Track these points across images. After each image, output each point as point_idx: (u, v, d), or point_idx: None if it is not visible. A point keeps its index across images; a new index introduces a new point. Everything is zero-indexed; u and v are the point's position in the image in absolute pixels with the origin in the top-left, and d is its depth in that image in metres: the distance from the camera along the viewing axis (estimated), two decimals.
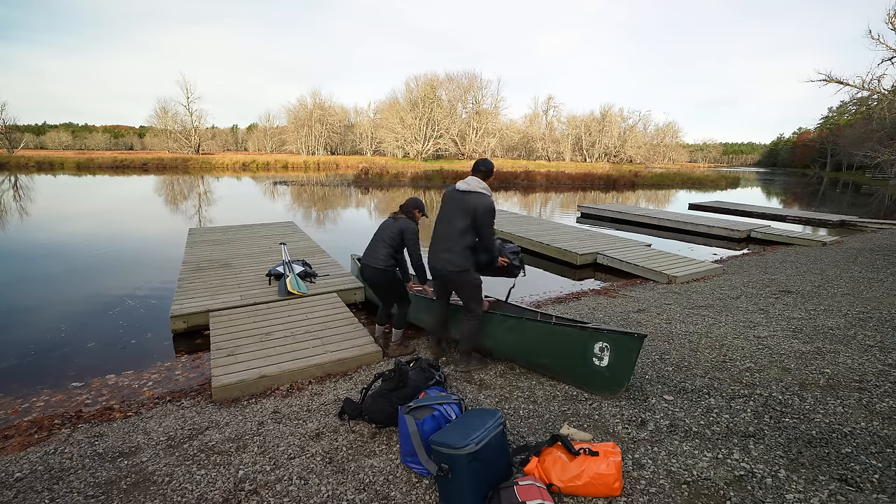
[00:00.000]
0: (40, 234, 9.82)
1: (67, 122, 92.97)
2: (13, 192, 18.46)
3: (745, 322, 4.31)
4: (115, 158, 36.71)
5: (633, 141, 67.24)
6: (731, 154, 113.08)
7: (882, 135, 24.14)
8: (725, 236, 10.53)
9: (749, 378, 3.08)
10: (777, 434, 2.40)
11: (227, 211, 14.32)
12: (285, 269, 5.51)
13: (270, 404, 2.99)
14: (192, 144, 50.95)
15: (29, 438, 2.70)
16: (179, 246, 7.76)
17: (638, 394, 2.88)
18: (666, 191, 26.61)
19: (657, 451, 2.27)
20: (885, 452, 2.21)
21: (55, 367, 3.93)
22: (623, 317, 4.59)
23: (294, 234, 8.54)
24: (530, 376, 3.21)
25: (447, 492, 1.92)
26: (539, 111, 72.16)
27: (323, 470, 2.23)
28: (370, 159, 45.49)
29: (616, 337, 2.74)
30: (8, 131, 41.50)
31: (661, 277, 6.39)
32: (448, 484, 1.90)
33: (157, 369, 3.91)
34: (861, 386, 2.93)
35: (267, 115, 77.16)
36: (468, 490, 1.87)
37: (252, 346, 3.74)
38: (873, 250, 8.18)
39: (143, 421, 2.87)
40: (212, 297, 4.95)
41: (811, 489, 1.96)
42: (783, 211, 15.57)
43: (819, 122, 66.85)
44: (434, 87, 54.01)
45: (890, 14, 17.37)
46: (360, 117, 65.74)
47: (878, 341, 3.72)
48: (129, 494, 2.11)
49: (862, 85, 19.46)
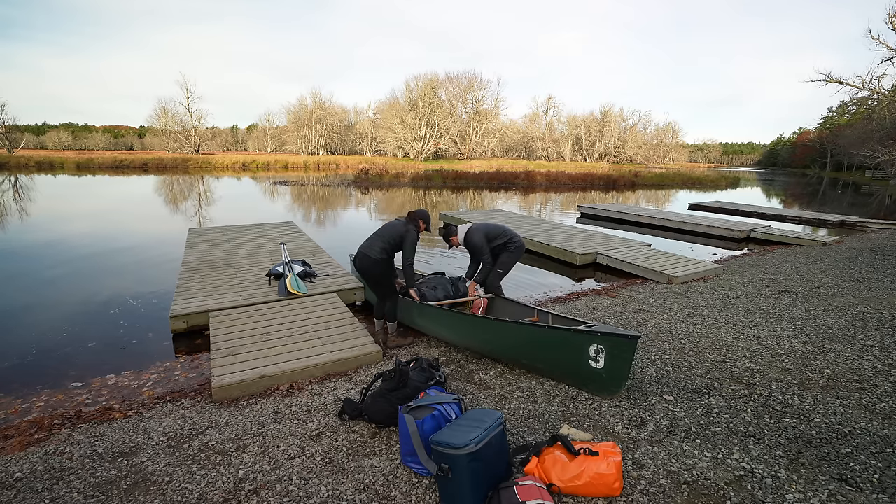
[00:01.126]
0: (40, 234, 9.82)
1: (67, 122, 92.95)
2: (13, 192, 18.46)
3: (745, 322, 4.31)
4: (115, 158, 36.72)
5: (633, 141, 67.21)
6: (731, 154, 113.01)
7: (882, 135, 24.15)
8: (725, 236, 10.53)
9: (749, 378, 3.08)
10: (777, 434, 2.40)
11: (226, 211, 14.32)
12: (285, 269, 5.51)
13: (270, 404, 2.99)
14: (192, 144, 50.97)
15: (29, 438, 2.70)
16: (179, 246, 7.76)
17: (638, 394, 2.88)
18: (666, 191, 26.61)
19: (657, 451, 2.27)
20: (885, 452, 2.21)
21: (55, 367, 3.93)
22: (623, 317, 4.59)
23: (294, 234, 8.54)
24: (530, 376, 3.21)
25: (447, 492, 1.92)
26: (539, 111, 72.27)
27: (323, 470, 2.23)
28: (370, 159, 45.49)
29: (610, 339, 2.72)
30: (8, 131, 41.52)
31: (661, 277, 6.39)
32: (448, 484, 1.91)
33: (156, 369, 3.91)
34: (861, 386, 2.93)
35: (267, 115, 77.25)
36: (468, 490, 1.88)
37: (252, 346, 3.74)
38: (873, 250, 8.18)
39: (143, 421, 2.87)
40: (212, 297, 4.95)
41: (811, 489, 1.96)
42: (783, 211, 15.57)
43: (819, 122, 66.86)
44: (434, 87, 54.02)
45: (890, 14, 17.37)
46: (360, 117, 65.82)
47: (878, 341, 3.72)
48: (129, 494, 2.11)
49: (862, 85, 19.47)
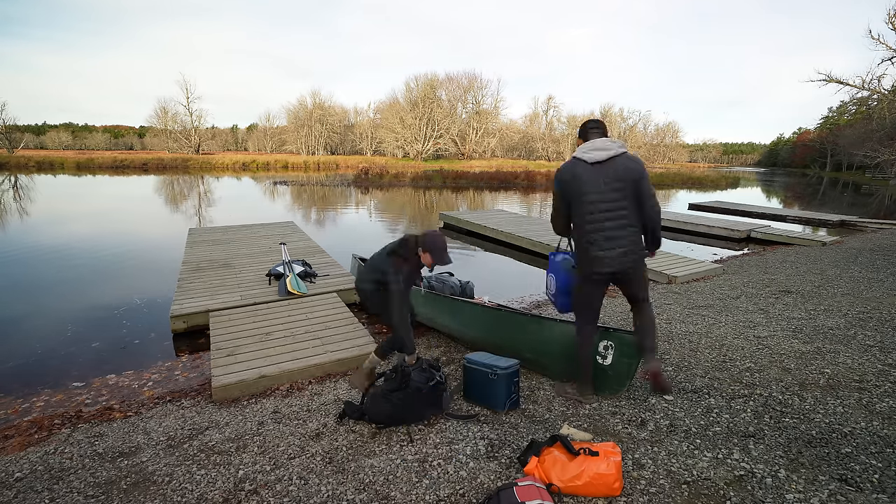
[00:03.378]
0: (40, 234, 9.82)
1: (67, 122, 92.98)
2: (13, 192, 18.46)
3: (745, 322, 4.31)
4: (115, 158, 36.75)
5: (633, 141, 67.17)
6: (731, 154, 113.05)
7: (882, 135, 24.15)
8: (725, 236, 10.53)
9: (749, 378, 3.08)
10: (777, 434, 2.40)
11: (227, 211, 14.32)
12: (285, 269, 5.51)
13: (270, 404, 2.99)
14: (192, 144, 50.99)
15: (29, 438, 2.70)
16: (179, 246, 7.76)
17: (638, 394, 2.88)
18: (666, 191, 26.61)
19: (657, 451, 2.27)
20: (885, 452, 2.21)
21: (55, 367, 3.93)
22: (623, 317, 4.59)
23: (294, 234, 8.54)
24: (531, 376, 3.21)
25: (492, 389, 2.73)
26: (539, 111, 72.25)
27: (323, 470, 2.23)
28: (370, 159, 45.49)
29: (620, 336, 2.75)
30: (8, 131, 41.52)
31: (661, 277, 6.39)
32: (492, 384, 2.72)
33: (157, 369, 3.91)
34: (861, 386, 2.93)
35: (267, 115, 77.25)
36: (503, 391, 2.70)
37: (252, 346, 3.74)
38: (873, 250, 8.18)
39: (143, 421, 2.87)
40: (212, 297, 4.95)
41: (811, 489, 1.96)
42: (783, 211, 15.57)
43: (819, 122, 66.87)
44: (434, 87, 54.03)
45: (890, 14, 17.37)
46: (360, 117, 65.79)
47: (878, 341, 3.72)
48: (129, 494, 2.11)
49: (862, 85, 19.47)
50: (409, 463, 2.26)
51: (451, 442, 2.42)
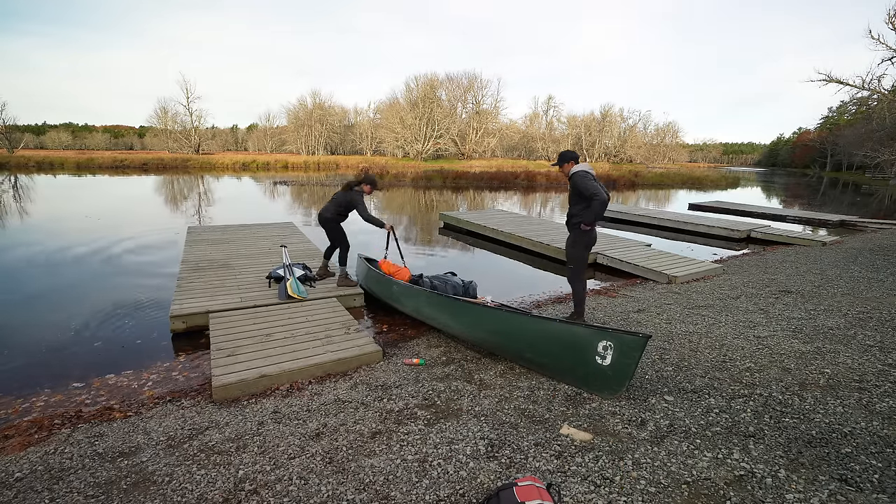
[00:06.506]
0: (39, 234, 9.81)
1: (67, 122, 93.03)
2: (13, 192, 18.46)
3: (745, 322, 4.31)
4: (115, 158, 36.71)
5: (633, 141, 67.21)
6: (731, 154, 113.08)
7: (882, 135, 24.14)
8: (725, 236, 10.53)
9: (749, 378, 3.08)
10: (777, 434, 2.40)
11: (226, 211, 14.30)
12: (286, 272, 5.49)
13: (270, 404, 2.99)
14: (192, 144, 50.99)
15: (29, 438, 2.70)
16: (179, 246, 7.76)
17: (638, 394, 2.88)
18: (666, 191, 26.61)
19: (657, 451, 2.27)
20: (885, 452, 2.21)
21: (55, 367, 3.93)
22: (623, 317, 4.59)
23: (294, 236, 8.52)
24: (530, 376, 3.21)
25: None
26: (539, 111, 72.28)
27: (323, 470, 2.23)
28: (370, 159, 45.51)
29: (620, 336, 2.75)
30: (8, 131, 41.49)
31: (661, 277, 6.39)
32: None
33: (156, 369, 3.91)
34: (861, 386, 2.93)
35: (267, 115, 77.40)
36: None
37: (252, 346, 3.74)
38: (873, 250, 8.18)
39: (143, 421, 2.87)
40: (211, 297, 4.94)
41: (811, 489, 1.96)
42: (783, 211, 15.57)
43: (819, 123, 66.90)
44: (434, 87, 54.01)
45: (890, 14, 17.36)
46: (360, 117, 65.82)
47: (878, 341, 3.72)
48: (129, 494, 2.11)
49: (862, 85, 19.46)
50: (409, 463, 2.26)
51: (451, 442, 2.42)
